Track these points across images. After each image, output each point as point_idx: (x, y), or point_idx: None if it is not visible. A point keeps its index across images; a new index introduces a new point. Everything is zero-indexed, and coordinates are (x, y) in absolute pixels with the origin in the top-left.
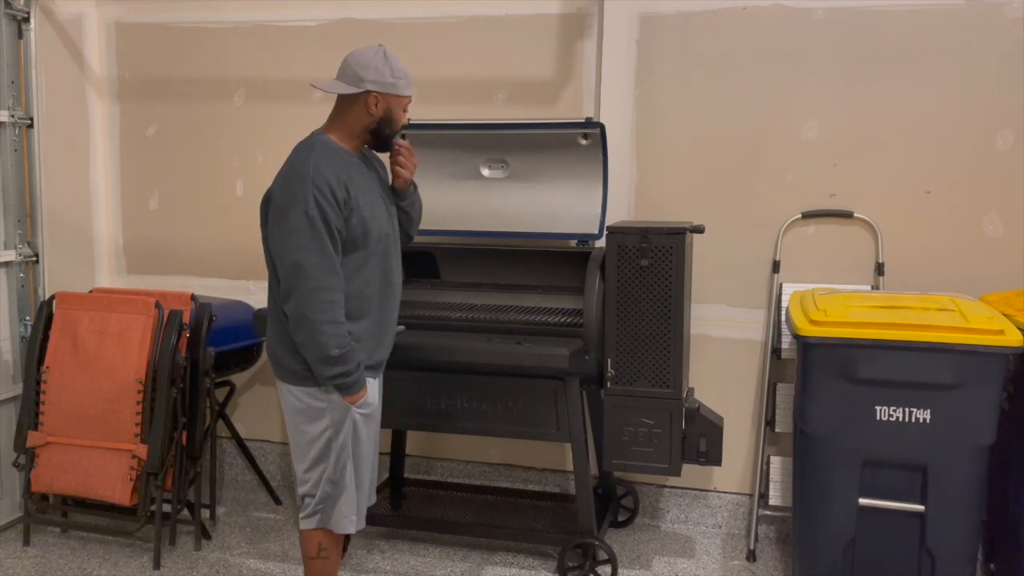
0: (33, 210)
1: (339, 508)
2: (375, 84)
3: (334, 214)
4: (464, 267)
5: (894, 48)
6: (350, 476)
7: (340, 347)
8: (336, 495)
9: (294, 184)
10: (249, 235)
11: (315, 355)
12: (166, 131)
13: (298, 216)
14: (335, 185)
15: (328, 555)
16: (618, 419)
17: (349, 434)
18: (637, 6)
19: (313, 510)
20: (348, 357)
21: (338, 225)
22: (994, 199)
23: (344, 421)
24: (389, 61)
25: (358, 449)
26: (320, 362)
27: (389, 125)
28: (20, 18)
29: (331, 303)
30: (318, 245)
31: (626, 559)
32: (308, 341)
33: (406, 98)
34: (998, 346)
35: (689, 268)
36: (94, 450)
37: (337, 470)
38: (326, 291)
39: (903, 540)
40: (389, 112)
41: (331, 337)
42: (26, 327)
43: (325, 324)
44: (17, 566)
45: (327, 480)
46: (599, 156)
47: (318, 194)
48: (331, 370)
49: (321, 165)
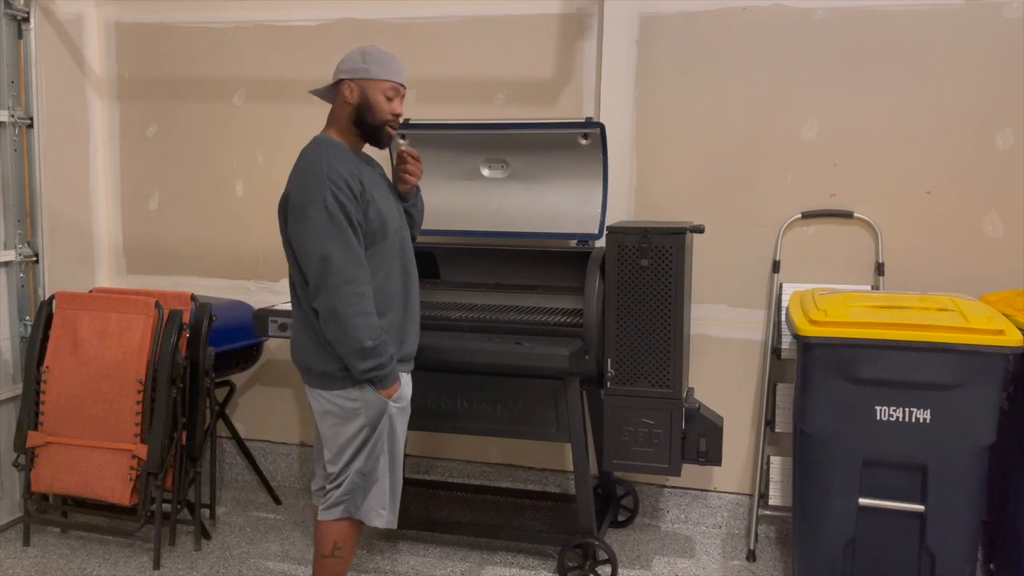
0: (33, 210)
1: (369, 500)
2: (346, 72)
3: (353, 207)
4: (464, 267)
5: (894, 48)
6: (383, 469)
7: (373, 339)
8: (367, 487)
9: (309, 182)
10: (249, 235)
11: (349, 349)
12: (166, 131)
13: (318, 212)
14: (349, 179)
15: (341, 555)
16: (618, 419)
17: (385, 429)
18: (637, 6)
19: (337, 500)
20: (382, 349)
21: (358, 217)
22: (994, 199)
23: (380, 416)
24: (364, 51)
25: (393, 443)
26: (355, 355)
27: (369, 112)
28: (20, 18)
29: (360, 295)
30: (341, 238)
31: (626, 559)
32: (341, 336)
33: (384, 82)
34: (998, 346)
35: (689, 268)
36: (94, 450)
37: (369, 463)
38: (353, 283)
39: (903, 540)
40: (365, 97)
41: (363, 329)
42: (26, 327)
43: (356, 316)
44: (17, 566)
45: (357, 472)
46: (599, 156)
47: (335, 188)
48: (366, 363)
49: (333, 160)
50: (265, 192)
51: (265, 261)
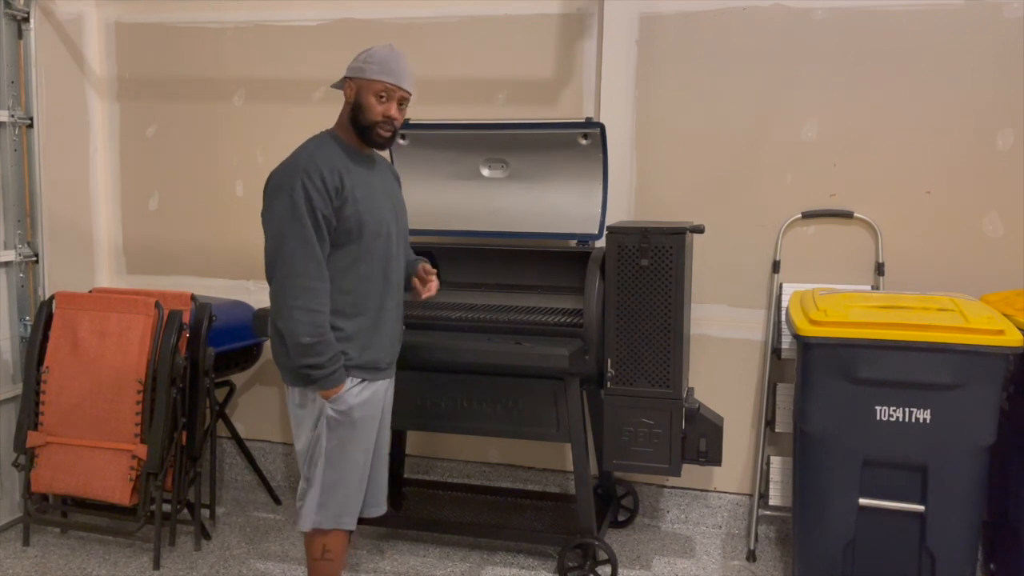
0: (33, 210)
1: (307, 503)
2: (350, 70)
3: (321, 200)
4: (464, 267)
5: (894, 48)
6: (319, 474)
7: (311, 335)
8: (306, 490)
9: (285, 171)
10: (249, 235)
11: (289, 342)
12: (166, 131)
13: (282, 200)
14: (327, 173)
15: (332, 556)
16: (618, 419)
17: (322, 432)
18: (637, 6)
19: (303, 512)
20: (321, 349)
21: (325, 212)
22: (994, 199)
23: (319, 417)
24: (370, 51)
25: (339, 451)
26: (292, 349)
27: (360, 112)
28: (20, 18)
29: (306, 289)
30: (298, 231)
31: (626, 559)
32: (284, 327)
33: (376, 83)
34: (998, 346)
35: (689, 268)
36: (94, 450)
37: (311, 468)
38: (301, 277)
39: (903, 540)
40: (359, 97)
41: (302, 324)
42: (26, 327)
43: (297, 310)
44: (17, 566)
45: (303, 478)
46: (599, 156)
47: (306, 179)
48: (302, 359)
49: (317, 154)
50: None
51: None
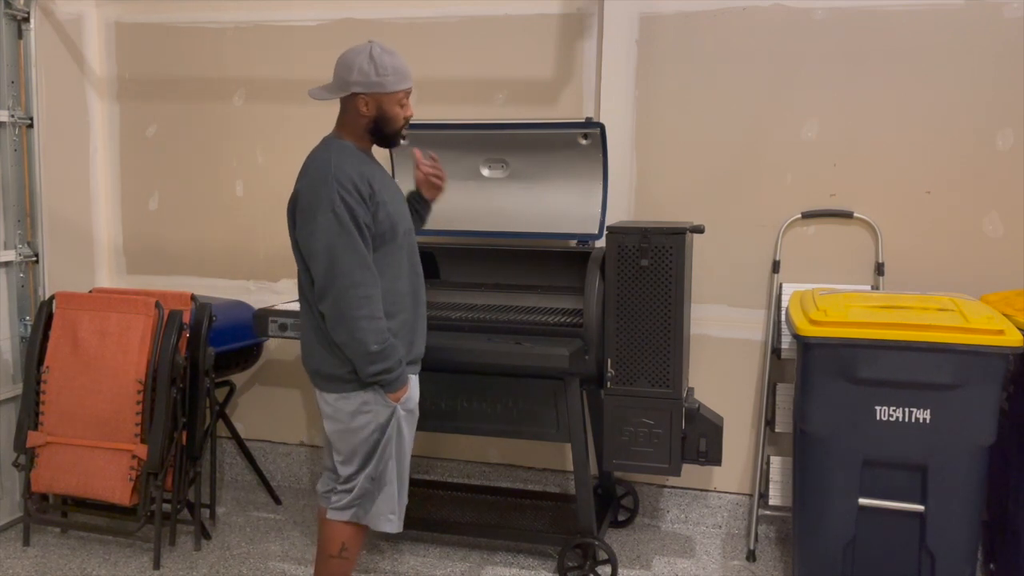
0: (33, 210)
1: (378, 506)
2: (360, 86)
3: (361, 209)
4: (464, 267)
5: (894, 48)
6: (391, 473)
7: (379, 343)
8: (375, 492)
9: (318, 184)
10: (249, 235)
11: (356, 352)
12: (166, 131)
13: (326, 215)
14: (358, 181)
15: (348, 556)
16: (618, 419)
17: (394, 432)
18: (637, 6)
19: (348, 504)
20: (389, 352)
21: (366, 220)
22: (994, 199)
23: (389, 420)
24: (374, 59)
25: (400, 447)
26: (361, 359)
27: (386, 123)
28: (20, 18)
29: (367, 299)
30: (349, 242)
31: (626, 559)
32: (348, 339)
33: (398, 93)
34: (998, 346)
35: (689, 268)
36: (94, 450)
37: (379, 468)
38: (360, 287)
39: (903, 540)
40: (381, 111)
41: (369, 333)
42: (26, 327)
43: (362, 320)
44: (17, 566)
45: (367, 477)
46: (599, 156)
47: (343, 191)
48: (373, 367)
49: (342, 163)
50: (265, 192)
51: (265, 261)
